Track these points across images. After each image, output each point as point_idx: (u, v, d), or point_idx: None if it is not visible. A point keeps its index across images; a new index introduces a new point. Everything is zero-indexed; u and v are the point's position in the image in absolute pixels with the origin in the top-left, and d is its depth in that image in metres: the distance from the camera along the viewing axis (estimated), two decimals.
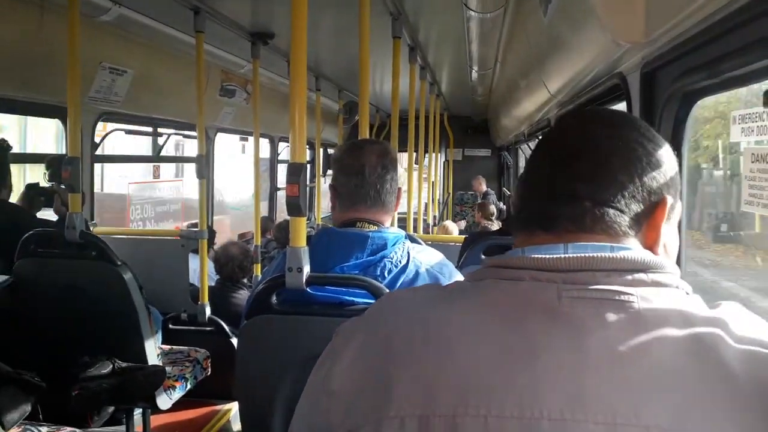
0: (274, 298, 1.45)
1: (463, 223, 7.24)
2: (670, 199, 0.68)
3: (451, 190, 8.89)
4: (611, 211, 0.66)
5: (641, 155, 0.68)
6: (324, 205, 6.12)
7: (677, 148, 1.34)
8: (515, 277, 0.65)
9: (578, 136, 0.71)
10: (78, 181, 2.32)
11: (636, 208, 0.66)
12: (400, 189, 1.53)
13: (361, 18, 2.26)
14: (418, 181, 5.30)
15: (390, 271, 1.41)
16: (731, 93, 1.31)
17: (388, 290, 1.34)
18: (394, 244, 1.43)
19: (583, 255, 0.64)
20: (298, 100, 1.53)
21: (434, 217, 6.81)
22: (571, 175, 0.68)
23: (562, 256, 0.64)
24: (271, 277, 1.48)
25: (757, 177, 0.95)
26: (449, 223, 5.63)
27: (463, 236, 3.73)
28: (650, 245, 0.67)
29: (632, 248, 0.65)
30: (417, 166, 5.08)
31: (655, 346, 0.58)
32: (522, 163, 6.58)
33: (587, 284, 0.62)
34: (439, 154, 8.06)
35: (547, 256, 0.65)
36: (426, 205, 6.36)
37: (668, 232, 0.70)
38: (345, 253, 1.42)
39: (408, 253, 1.44)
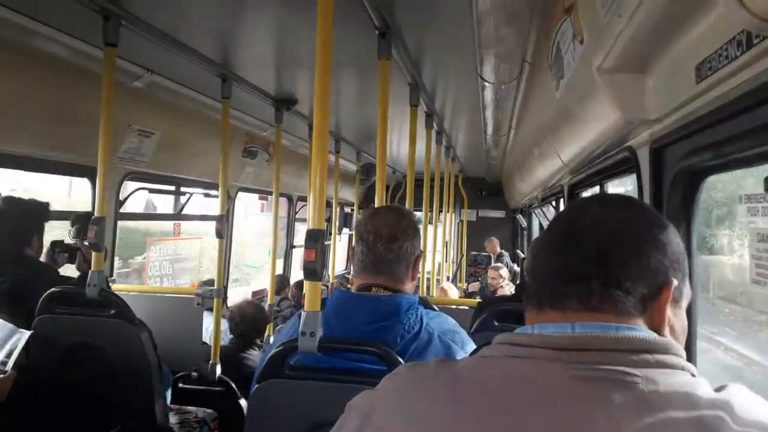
0: (286, 362, 1.46)
1: (477, 285, 7.18)
2: (675, 282, 0.70)
3: (464, 251, 8.89)
4: (618, 292, 0.68)
5: (648, 239, 0.71)
6: (339, 263, 6.15)
7: (686, 224, 1.37)
8: (524, 354, 0.68)
9: (588, 220, 0.75)
10: (103, 241, 2.38)
11: (642, 289, 0.69)
12: (417, 257, 1.52)
13: (381, 87, 2.36)
14: (433, 242, 5.32)
15: (402, 337, 1.41)
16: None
17: (399, 358, 1.35)
18: (407, 310, 1.43)
19: (589, 334, 0.66)
20: (319, 169, 1.58)
21: (447, 278, 6.79)
22: (581, 255, 0.71)
23: (569, 334, 0.67)
24: (285, 341, 1.49)
25: (763, 256, 0.98)
26: (447, 286, 5.57)
27: (476, 300, 3.72)
28: (656, 327, 0.69)
29: (638, 329, 0.67)
30: (431, 226, 5.13)
31: (659, 429, 0.59)
32: (536, 226, 6.60)
33: (593, 364, 0.64)
34: (453, 215, 8.11)
35: (555, 334, 0.67)
36: (440, 265, 6.35)
37: (675, 314, 0.72)
38: (358, 317, 1.43)
39: (421, 319, 1.44)
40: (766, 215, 0.98)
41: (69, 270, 3.04)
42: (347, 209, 8.63)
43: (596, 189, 2.68)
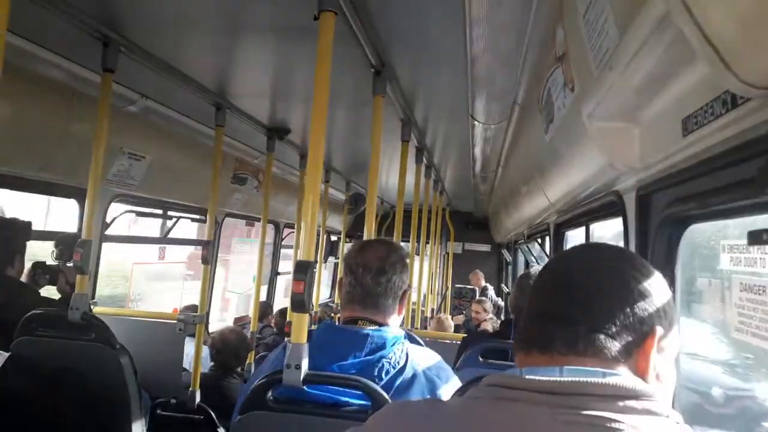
0: (269, 394, 1.45)
1: (461, 318, 7.17)
2: (659, 330, 0.72)
3: (449, 284, 8.90)
4: (602, 337, 0.70)
5: (633, 287, 0.73)
6: (323, 290, 6.12)
7: (671, 269, 1.40)
8: (512, 397, 0.69)
9: (578, 267, 0.78)
10: (88, 264, 2.36)
11: (627, 336, 0.71)
12: (405, 291, 1.52)
13: (374, 123, 2.39)
14: (419, 273, 5.34)
15: (387, 372, 1.40)
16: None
17: (384, 393, 1.34)
18: (393, 345, 1.43)
19: (576, 379, 0.67)
20: (311, 202, 1.60)
21: (432, 309, 6.78)
22: (568, 301, 0.74)
23: (557, 379, 0.68)
24: (269, 373, 1.48)
25: (745, 306, 1.00)
26: (444, 317, 5.55)
27: (461, 334, 3.72)
28: (641, 373, 0.71)
29: (623, 375, 0.69)
30: (417, 257, 5.14)
31: None
32: (521, 261, 6.64)
33: (579, 409, 0.65)
34: (439, 247, 8.14)
35: (543, 378, 0.69)
36: (425, 296, 6.36)
37: (662, 362, 0.73)
38: (344, 351, 1.42)
39: (407, 354, 1.44)
40: (749, 265, 1.01)
41: (49, 290, 3.01)
42: (334, 237, 8.63)
43: (582, 229, 2.72)
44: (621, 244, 1.74)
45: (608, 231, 2.53)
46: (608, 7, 1.05)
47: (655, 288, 0.75)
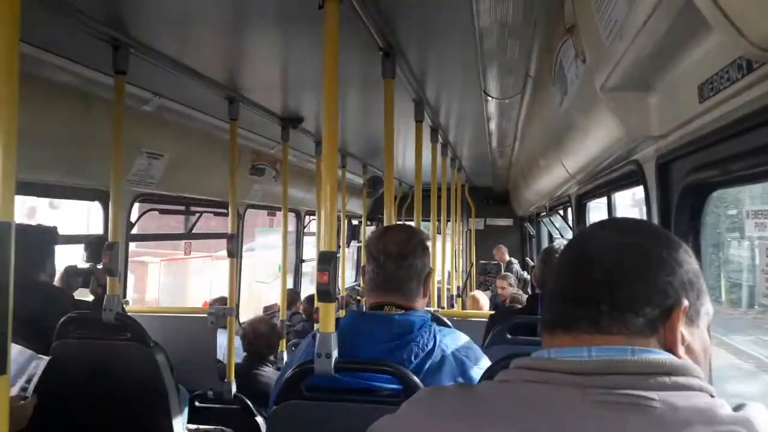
0: (303, 383, 1.48)
1: (488, 293, 7.18)
2: (686, 302, 0.71)
3: (474, 260, 8.87)
4: (627, 314, 0.70)
5: (654, 260, 0.72)
6: (348, 275, 6.17)
7: (695, 237, 1.38)
8: (541, 379, 0.69)
9: (597, 244, 0.77)
10: (117, 266, 2.41)
11: (651, 311, 0.70)
12: (428, 274, 1.54)
13: (386, 105, 2.39)
14: (442, 251, 5.34)
15: (417, 356, 1.42)
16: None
17: (414, 376, 1.36)
18: (420, 328, 1.45)
19: (605, 358, 0.67)
20: (329, 192, 1.60)
21: (458, 287, 6.79)
22: (590, 280, 0.73)
23: (585, 359, 0.68)
24: (300, 363, 1.51)
25: None
26: (479, 294, 5.54)
27: (488, 311, 3.72)
28: (670, 347, 0.70)
29: (654, 351, 0.68)
30: (440, 236, 5.14)
31: None
32: (545, 234, 6.59)
33: (610, 388, 0.65)
34: (461, 224, 8.12)
35: (572, 359, 0.69)
36: (449, 274, 6.36)
37: (692, 333, 0.72)
38: (372, 336, 1.45)
39: (435, 336, 1.46)
40: None
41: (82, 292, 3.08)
42: (355, 222, 8.66)
43: (604, 199, 2.69)
44: (644, 211, 1.72)
45: (630, 200, 2.50)
46: None
47: (678, 259, 0.73)
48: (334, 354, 1.44)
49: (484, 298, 5.32)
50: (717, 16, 0.75)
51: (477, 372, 1.43)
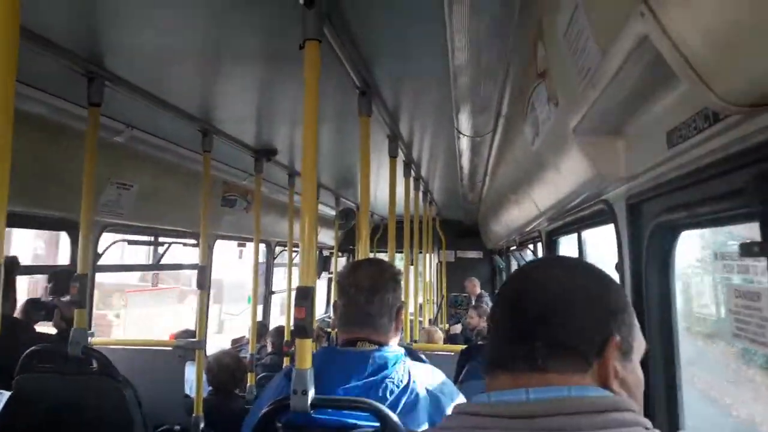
0: (278, 421, 1.46)
1: (459, 327, 7.17)
2: (617, 337, 0.73)
3: (445, 293, 8.89)
4: (560, 351, 0.72)
5: (586, 297, 0.75)
6: (318, 307, 6.08)
7: (665, 277, 1.43)
8: (482, 425, 0.70)
9: (530, 284, 0.79)
10: (85, 298, 2.36)
11: (585, 346, 0.72)
12: (399, 307, 1.55)
13: (362, 142, 2.42)
14: (414, 283, 5.34)
15: (392, 392, 1.42)
16: None
17: (391, 413, 1.36)
18: (394, 364, 1.45)
19: (543, 399, 0.69)
20: (307, 229, 1.61)
21: (429, 320, 6.78)
22: (523, 318, 0.75)
23: (525, 401, 0.69)
24: (276, 400, 1.49)
25: (741, 312, 1.03)
26: (432, 329, 5.51)
27: (460, 346, 3.72)
28: (603, 382, 0.72)
29: (588, 388, 0.70)
30: (412, 267, 5.15)
31: None
32: (514, 267, 6.66)
33: (550, 430, 0.66)
34: (432, 255, 8.15)
35: (511, 401, 0.70)
36: (421, 306, 6.36)
37: (626, 367, 0.74)
38: (347, 373, 1.44)
39: (409, 372, 1.46)
40: (741, 273, 1.03)
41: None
42: (326, 253, 8.62)
43: (574, 236, 2.75)
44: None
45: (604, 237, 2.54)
46: (588, 26, 1.08)
47: (610, 295, 0.76)
48: (311, 391, 1.42)
49: (438, 334, 5.29)
50: (685, 69, 0.79)
51: (451, 407, 1.43)
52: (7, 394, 2.17)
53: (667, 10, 0.76)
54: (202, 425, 3.14)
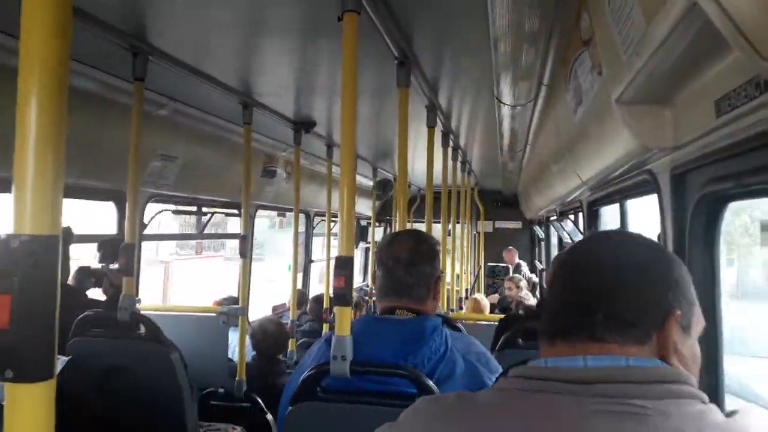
0: (318, 385, 1.50)
1: (496, 297, 7.17)
2: (677, 311, 0.74)
3: (482, 263, 8.87)
4: (621, 323, 0.73)
5: (650, 271, 0.76)
6: (356, 276, 6.17)
7: (710, 249, 1.40)
8: (538, 388, 0.71)
9: (593, 257, 0.81)
10: (132, 267, 2.45)
11: (646, 320, 0.73)
12: (438, 277, 1.57)
13: (400, 113, 2.41)
14: (451, 254, 5.35)
15: (429, 359, 1.44)
16: None
17: (428, 380, 1.38)
18: (432, 332, 1.47)
19: (600, 367, 0.70)
20: (346, 200, 1.63)
21: (466, 290, 6.80)
22: (586, 290, 0.76)
23: (581, 367, 0.71)
24: (316, 365, 1.53)
25: None
26: (479, 297, 5.51)
27: (497, 315, 3.73)
28: (663, 355, 0.73)
29: (647, 360, 0.71)
30: (449, 237, 5.16)
31: None
32: (554, 238, 6.59)
33: (605, 397, 0.67)
34: (469, 226, 8.13)
35: (568, 368, 0.71)
36: (458, 276, 6.37)
37: (684, 342, 0.75)
38: (385, 339, 1.47)
39: (446, 341, 1.48)
40: None
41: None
42: (363, 223, 8.69)
43: (616, 206, 2.70)
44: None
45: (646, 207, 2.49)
46: None
47: (672, 269, 0.77)
48: (350, 357, 1.46)
49: (485, 301, 5.31)
50: (736, 36, 0.77)
51: (488, 376, 1.45)
52: (64, 359, 2.29)
53: None
54: (244, 388, 3.25)
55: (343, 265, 1.60)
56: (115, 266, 2.95)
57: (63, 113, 0.87)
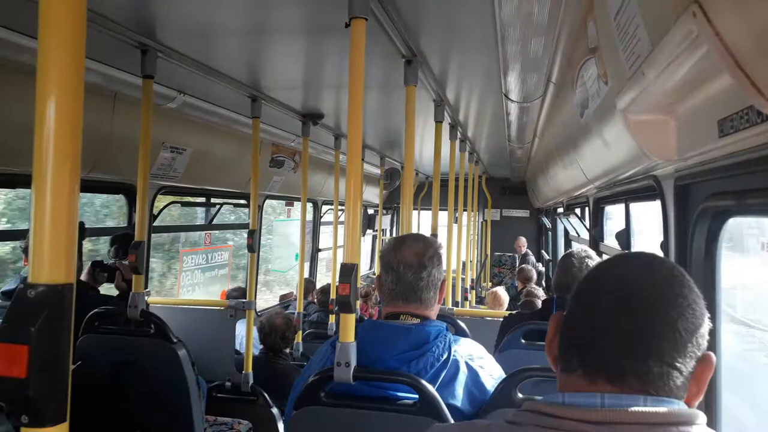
0: (322, 390, 1.53)
1: (503, 286, 7.20)
2: (713, 355, 0.72)
3: (488, 252, 8.87)
4: (673, 372, 0.69)
5: (692, 310, 0.72)
6: (363, 263, 6.19)
7: (710, 263, 1.40)
8: (552, 426, 0.70)
9: (646, 288, 0.73)
10: (143, 264, 2.47)
11: (689, 366, 0.70)
12: (443, 281, 1.58)
13: (407, 110, 2.40)
14: (458, 241, 5.33)
15: (432, 365, 1.46)
16: None
17: (429, 386, 1.40)
18: (435, 338, 1.48)
19: (618, 408, 0.68)
20: (352, 206, 1.64)
21: (472, 280, 6.80)
22: (645, 331, 0.70)
23: (599, 407, 0.69)
24: (320, 370, 1.56)
25: None
26: (501, 291, 5.38)
27: (502, 312, 3.74)
28: (691, 398, 0.71)
29: (665, 400, 0.69)
30: (456, 225, 5.15)
31: None
32: (561, 229, 6.57)
33: None
34: (477, 215, 8.12)
35: (585, 407, 0.70)
36: (464, 264, 6.37)
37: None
38: (389, 346, 1.48)
39: (449, 346, 1.50)
40: None
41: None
42: (370, 210, 8.71)
43: (622, 206, 2.69)
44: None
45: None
46: (638, 14, 1.04)
47: (703, 306, 0.73)
48: (353, 363, 1.48)
49: (505, 295, 5.30)
50: (733, 68, 0.77)
51: (490, 382, 1.47)
52: None
53: (718, 12, 0.74)
54: (251, 381, 3.29)
55: (348, 273, 1.61)
56: (126, 261, 2.98)
57: (79, 109, 0.88)
